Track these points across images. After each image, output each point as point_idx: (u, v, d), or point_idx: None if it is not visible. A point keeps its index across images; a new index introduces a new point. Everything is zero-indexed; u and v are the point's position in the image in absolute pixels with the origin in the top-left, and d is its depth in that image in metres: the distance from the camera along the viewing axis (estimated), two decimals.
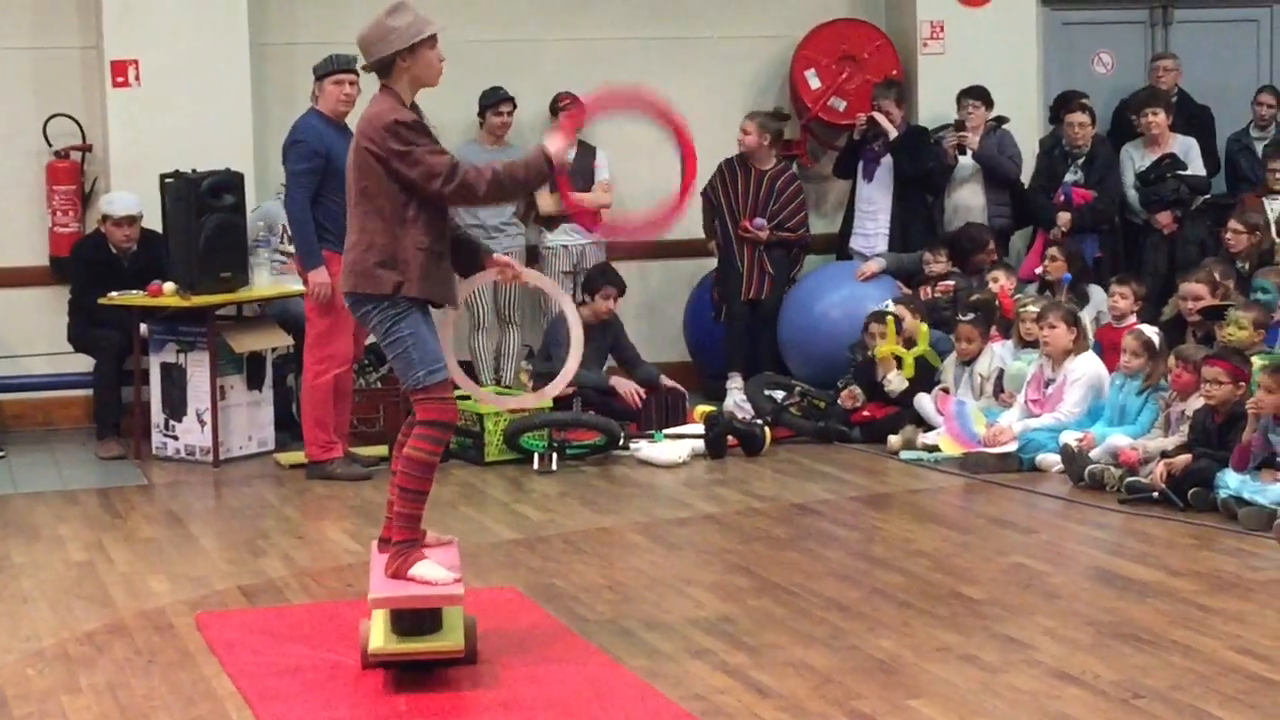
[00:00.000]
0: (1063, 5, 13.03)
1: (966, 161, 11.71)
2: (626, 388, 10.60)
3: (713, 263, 11.69)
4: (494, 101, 11.27)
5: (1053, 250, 11.02)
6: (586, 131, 11.40)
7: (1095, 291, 10.84)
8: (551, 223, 11.50)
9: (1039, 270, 11.09)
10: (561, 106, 11.24)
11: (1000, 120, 11.84)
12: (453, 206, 6.47)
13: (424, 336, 6.29)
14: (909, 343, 10.37)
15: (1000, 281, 10.74)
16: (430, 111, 7.25)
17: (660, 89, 11.68)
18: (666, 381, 10.81)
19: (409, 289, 6.24)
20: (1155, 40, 13.21)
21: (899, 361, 10.29)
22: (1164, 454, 8.58)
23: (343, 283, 6.40)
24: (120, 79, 10.95)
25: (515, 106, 11.34)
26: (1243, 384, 8.46)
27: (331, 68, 9.48)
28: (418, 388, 6.27)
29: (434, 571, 6.12)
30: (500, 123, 11.29)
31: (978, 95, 11.79)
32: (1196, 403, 8.71)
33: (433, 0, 10.97)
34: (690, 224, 11.73)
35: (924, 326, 10.39)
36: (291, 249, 10.02)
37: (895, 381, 10.24)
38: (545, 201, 11.36)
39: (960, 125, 11.76)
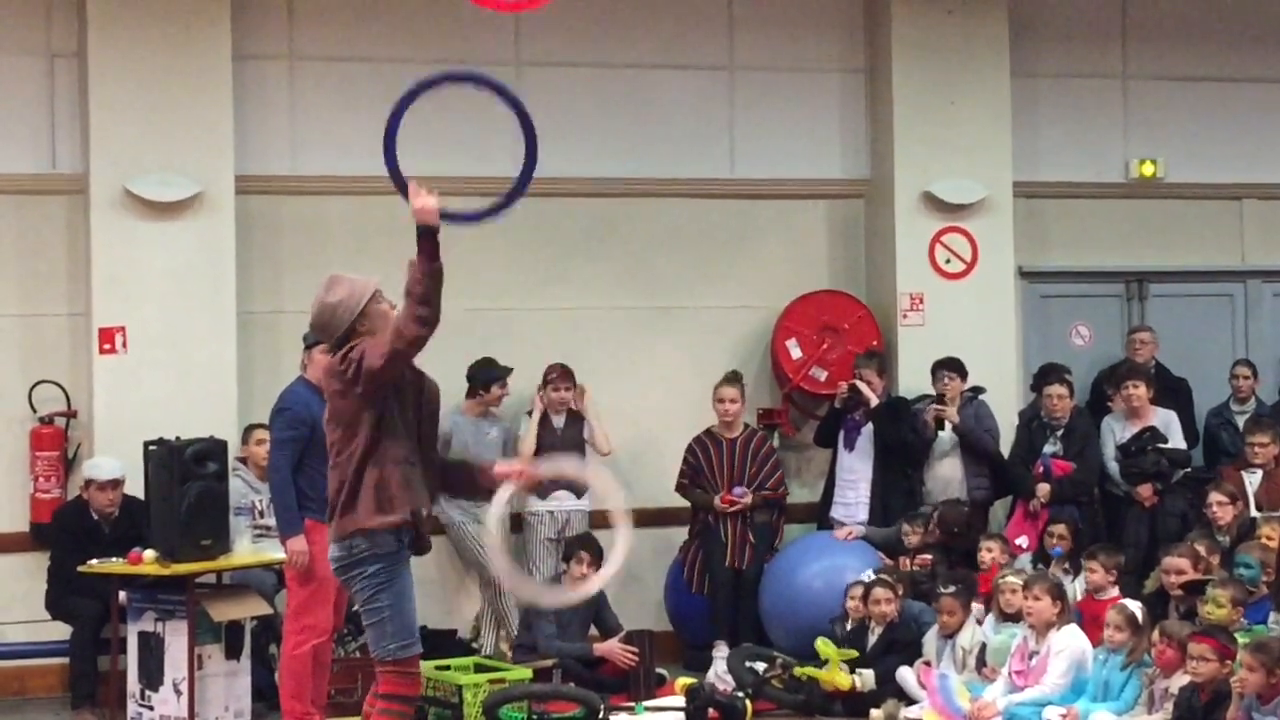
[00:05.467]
0: (1040, 279, 13.18)
1: (946, 435, 11.73)
2: (614, 650, 10.54)
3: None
4: (495, 378, 11.37)
5: (1060, 529, 10.86)
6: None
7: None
8: (542, 490, 11.44)
9: (1019, 542, 11.08)
10: (549, 379, 11.39)
11: (977, 390, 11.89)
12: (426, 330, 6.37)
13: (403, 609, 6.29)
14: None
15: (994, 553, 10.70)
16: None
17: (642, 357, 12.12)
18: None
19: (392, 510, 6.32)
20: (1132, 313, 13.35)
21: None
22: None
23: (330, 538, 6.45)
24: (107, 346, 11.01)
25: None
26: (1229, 661, 8.39)
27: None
28: (387, 659, 6.25)
29: None
30: (499, 396, 11.36)
31: (952, 367, 11.84)
32: (1181, 679, 8.65)
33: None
34: (671, 494, 11.77)
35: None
36: (270, 522, 10.01)
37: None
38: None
39: (940, 399, 11.79)
